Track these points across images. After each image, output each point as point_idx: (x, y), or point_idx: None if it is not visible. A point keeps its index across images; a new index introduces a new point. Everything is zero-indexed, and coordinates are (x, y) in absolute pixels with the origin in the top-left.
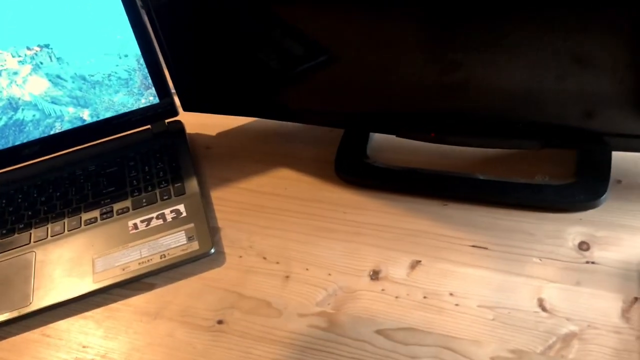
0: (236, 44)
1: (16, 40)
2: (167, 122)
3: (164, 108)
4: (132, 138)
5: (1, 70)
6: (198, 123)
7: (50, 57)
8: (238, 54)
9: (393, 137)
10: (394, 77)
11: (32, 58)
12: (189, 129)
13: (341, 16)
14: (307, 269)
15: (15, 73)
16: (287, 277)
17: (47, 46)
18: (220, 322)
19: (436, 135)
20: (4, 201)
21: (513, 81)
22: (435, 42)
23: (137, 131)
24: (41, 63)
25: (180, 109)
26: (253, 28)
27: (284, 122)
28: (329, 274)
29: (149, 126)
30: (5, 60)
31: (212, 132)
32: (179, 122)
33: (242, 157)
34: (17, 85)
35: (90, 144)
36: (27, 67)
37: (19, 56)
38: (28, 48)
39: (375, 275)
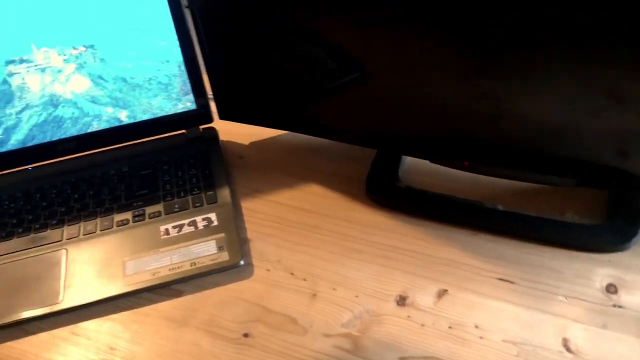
0: (273, 57)
1: (63, 39)
2: (202, 129)
3: (200, 114)
4: (166, 141)
5: (46, 67)
6: (231, 131)
7: (94, 57)
8: (274, 67)
9: (425, 161)
10: (427, 101)
11: (77, 57)
12: (221, 136)
13: (376, 34)
14: (334, 289)
15: (59, 71)
16: (314, 295)
17: (92, 47)
18: (246, 335)
19: (469, 164)
20: (38, 195)
21: (546, 114)
22: (469, 68)
23: (172, 135)
24: (85, 63)
25: (215, 117)
26: (289, 42)
27: (317, 137)
28: (356, 296)
29: (183, 131)
30: (50, 58)
31: (245, 141)
32: (213, 129)
33: (274, 169)
34: (60, 82)
35: (124, 145)
36: (71, 66)
37: (64, 55)
38: (74, 47)
39: (402, 301)
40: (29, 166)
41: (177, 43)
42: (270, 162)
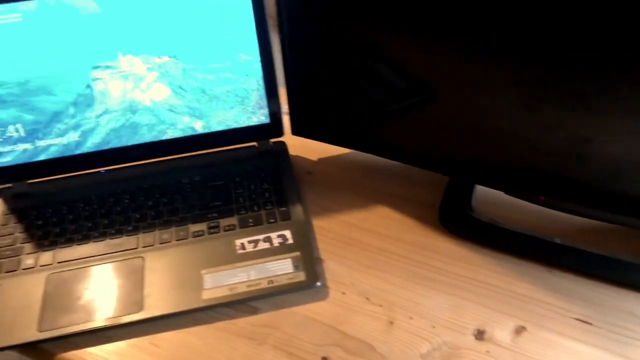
0: (348, 77)
1: (149, 48)
2: (272, 142)
3: (272, 128)
4: (236, 153)
5: (129, 74)
6: (297, 146)
7: (176, 67)
8: (349, 86)
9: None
10: (499, 129)
11: (160, 67)
12: (289, 151)
13: (448, 57)
14: (410, 317)
15: (141, 79)
16: (391, 322)
17: (175, 57)
18: (324, 358)
19: (546, 199)
20: (111, 200)
21: (629, 152)
22: (543, 98)
23: (242, 147)
24: (167, 72)
25: (284, 131)
26: (364, 62)
27: (386, 159)
28: (433, 327)
29: (254, 143)
30: (134, 66)
31: (313, 157)
32: (283, 143)
33: (343, 188)
34: (141, 90)
35: (196, 154)
36: (154, 75)
37: (148, 63)
38: (158, 57)
39: (480, 335)
40: (102, 169)
41: (258, 58)
42: (338, 180)
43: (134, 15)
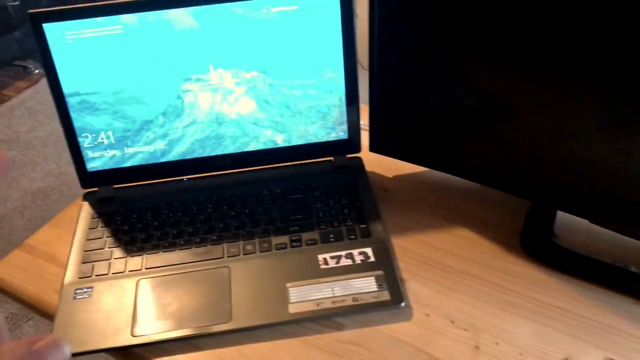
0: (429, 96)
1: (239, 63)
2: (348, 157)
3: (350, 144)
4: (313, 167)
5: (218, 87)
6: (373, 162)
7: (264, 82)
8: (429, 105)
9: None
10: (584, 156)
11: (248, 81)
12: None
13: (527, 79)
14: (497, 343)
15: (230, 92)
16: (477, 347)
17: (264, 72)
18: None
19: (632, 229)
20: (194, 208)
21: None
22: (627, 124)
23: (319, 161)
24: (255, 87)
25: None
26: (445, 83)
27: (462, 179)
28: (520, 354)
29: (330, 158)
30: (224, 79)
31: (388, 174)
32: (359, 158)
33: (420, 207)
34: (228, 103)
35: (275, 166)
36: (242, 89)
37: (237, 78)
38: (247, 71)
39: None
40: (185, 177)
41: (342, 76)
42: (415, 198)
43: (228, 31)
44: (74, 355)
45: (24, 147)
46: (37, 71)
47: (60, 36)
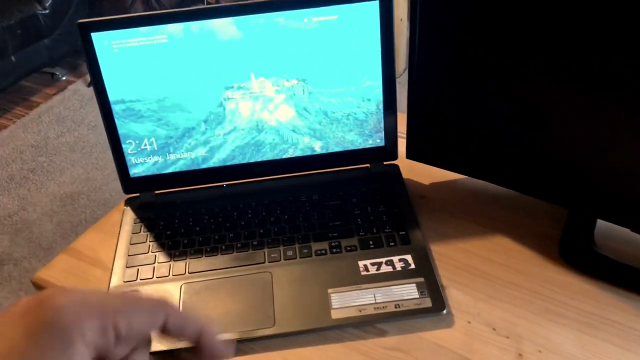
0: (470, 105)
1: (279, 71)
2: (385, 164)
3: (387, 151)
4: (350, 174)
5: (259, 95)
6: (409, 169)
7: (303, 90)
8: (470, 113)
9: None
10: (622, 164)
11: (288, 89)
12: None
13: (569, 89)
14: (540, 351)
15: (270, 100)
16: (520, 355)
17: (304, 80)
18: None
19: None
20: (235, 214)
21: None
22: None
23: (356, 168)
24: (294, 95)
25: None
26: (486, 92)
27: (498, 186)
28: None
29: (367, 165)
30: (265, 88)
31: (425, 181)
32: (396, 166)
33: (458, 215)
34: (268, 110)
35: (312, 172)
36: (281, 97)
37: (278, 86)
38: (287, 80)
39: None
40: (224, 183)
41: (380, 84)
42: (453, 205)
43: (270, 40)
44: None
45: (52, 152)
46: (64, 78)
47: (108, 45)
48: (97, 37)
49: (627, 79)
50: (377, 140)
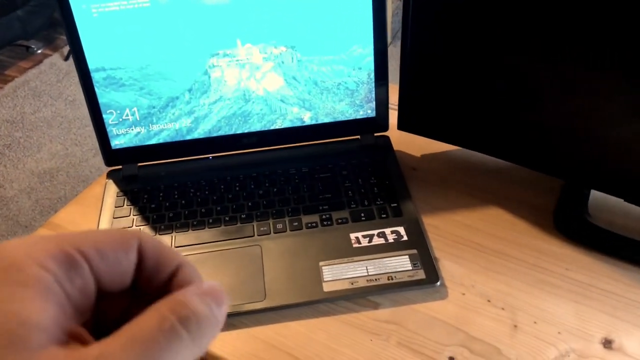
0: (460, 75)
1: (267, 37)
2: (375, 136)
3: (377, 122)
4: (340, 145)
5: (246, 63)
6: (400, 140)
7: (292, 58)
8: (460, 84)
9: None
10: (615, 136)
11: (277, 57)
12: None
13: (560, 62)
14: (535, 322)
15: (257, 68)
16: (515, 326)
17: (293, 48)
18: (451, 358)
19: None
20: (221, 187)
21: None
22: None
23: (345, 139)
24: (282, 62)
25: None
26: (480, 63)
27: (492, 158)
28: (559, 332)
29: (357, 136)
30: (252, 55)
31: (416, 153)
32: (387, 137)
33: (450, 187)
34: (256, 79)
35: (301, 144)
36: (269, 64)
37: (265, 53)
38: (275, 47)
39: (608, 344)
40: (210, 155)
41: (372, 52)
42: (445, 177)
43: (257, 5)
44: None
45: (29, 128)
46: (40, 51)
47: (86, 9)
48: (75, 1)
49: (620, 50)
50: (368, 111)
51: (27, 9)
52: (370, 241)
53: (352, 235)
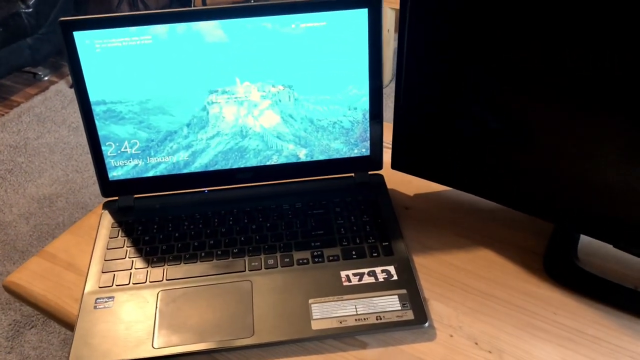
0: (457, 118)
1: (265, 76)
2: (370, 174)
3: (372, 161)
4: (334, 182)
5: (244, 100)
6: (394, 179)
7: (289, 97)
8: (457, 127)
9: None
10: (606, 181)
11: (274, 95)
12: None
13: (552, 105)
14: None
15: (255, 105)
16: None
17: (290, 87)
18: None
19: None
20: (215, 220)
21: None
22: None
23: (340, 177)
24: (280, 101)
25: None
26: (471, 105)
27: (484, 200)
28: None
29: (352, 174)
30: (250, 93)
31: (409, 192)
32: (380, 175)
33: (441, 227)
34: (253, 116)
35: (296, 180)
36: (267, 102)
37: (263, 91)
38: (273, 85)
39: None
40: (205, 189)
41: (367, 93)
42: (437, 217)
43: (256, 45)
44: None
45: (32, 153)
46: (46, 78)
47: (90, 44)
48: (80, 36)
49: (613, 96)
50: (363, 149)
51: (37, 36)
52: (360, 279)
53: (343, 273)
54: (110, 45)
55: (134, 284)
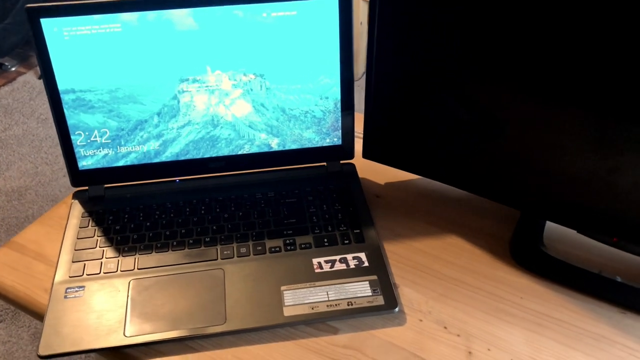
0: (427, 107)
1: (237, 65)
2: (341, 163)
3: (344, 150)
4: (306, 172)
5: (215, 89)
6: (366, 168)
7: (261, 86)
8: (426, 115)
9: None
10: (571, 169)
11: (245, 84)
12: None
13: (521, 96)
14: (489, 349)
15: (227, 94)
16: (470, 352)
17: (261, 76)
18: None
19: (618, 240)
20: (187, 209)
21: None
22: (613, 141)
23: (312, 166)
24: (251, 90)
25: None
26: (442, 94)
27: (453, 188)
28: (512, 359)
29: (324, 163)
30: (221, 81)
31: (380, 181)
32: (352, 165)
33: (412, 214)
34: (225, 105)
35: (268, 170)
36: (238, 91)
37: (235, 80)
38: (244, 74)
39: None
40: (177, 179)
41: (339, 82)
42: (407, 205)
43: (227, 33)
44: (67, 354)
45: None
46: (13, 69)
47: (58, 32)
48: (47, 24)
49: (579, 87)
50: (335, 139)
51: (2, 26)
52: (332, 266)
53: (315, 261)
54: (79, 33)
55: (104, 273)
